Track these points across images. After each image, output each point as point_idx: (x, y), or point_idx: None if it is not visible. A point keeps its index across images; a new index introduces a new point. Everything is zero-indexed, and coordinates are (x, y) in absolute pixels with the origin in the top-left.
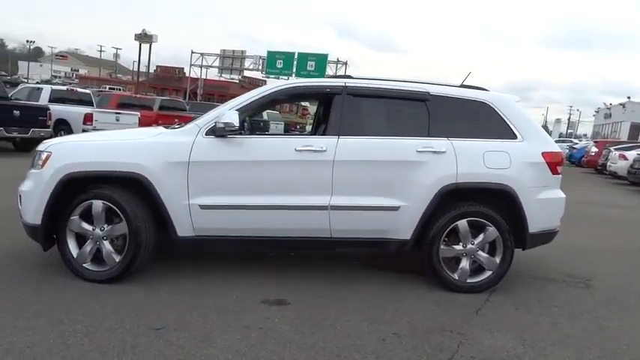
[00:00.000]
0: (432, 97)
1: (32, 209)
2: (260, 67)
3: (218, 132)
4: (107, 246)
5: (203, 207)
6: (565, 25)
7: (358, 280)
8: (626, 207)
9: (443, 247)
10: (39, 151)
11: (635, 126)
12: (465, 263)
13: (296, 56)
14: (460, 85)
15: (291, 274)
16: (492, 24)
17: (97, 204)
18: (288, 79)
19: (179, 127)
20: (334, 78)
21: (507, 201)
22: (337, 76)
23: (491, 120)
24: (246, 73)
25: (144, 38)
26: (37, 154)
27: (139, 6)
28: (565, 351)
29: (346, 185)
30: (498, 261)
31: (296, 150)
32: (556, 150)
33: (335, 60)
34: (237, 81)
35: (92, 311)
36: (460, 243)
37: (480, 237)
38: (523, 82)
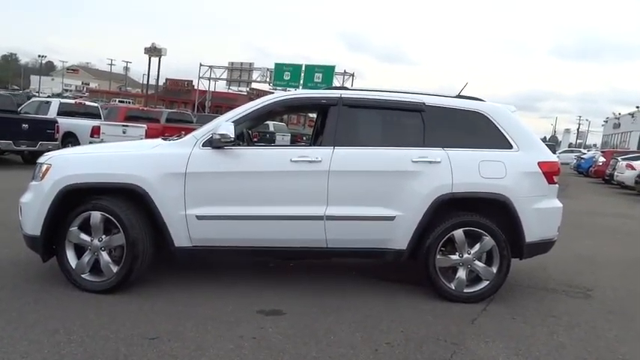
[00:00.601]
0: (428, 108)
1: (32, 220)
2: (268, 79)
3: (215, 143)
4: (105, 257)
5: (200, 217)
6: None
7: (354, 291)
8: (632, 217)
9: (439, 257)
10: (39, 164)
11: None
12: (462, 273)
13: (303, 68)
14: (456, 96)
15: (287, 285)
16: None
17: (96, 215)
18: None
19: (177, 139)
20: (330, 89)
21: (503, 211)
22: (333, 88)
23: (486, 130)
24: (254, 85)
25: (153, 52)
26: (38, 167)
27: (149, 20)
28: None
29: (342, 195)
30: (495, 271)
31: (292, 161)
32: (552, 159)
33: (342, 72)
34: (245, 93)
35: (88, 321)
36: (456, 253)
37: (477, 247)
38: (532, 92)
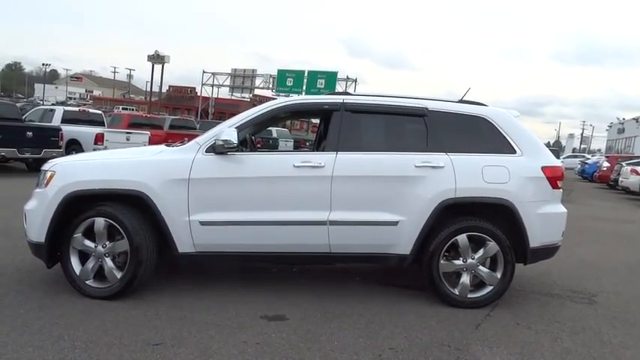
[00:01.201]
0: (430, 113)
1: (36, 227)
2: (270, 86)
3: (217, 149)
4: (109, 263)
5: (203, 223)
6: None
7: (358, 296)
8: (636, 222)
9: (443, 262)
10: (43, 171)
11: None
12: (466, 278)
13: (306, 74)
14: (459, 101)
15: (291, 290)
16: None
17: (99, 221)
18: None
19: (180, 145)
20: (332, 94)
21: (507, 216)
22: (336, 93)
23: (489, 135)
24: (256, 92)
25: (156, 59)
26: (42, 174)
27: (152, 28)
28: None
29: (345, 200)
30: (499, 276)
31: (295, 166)
32: (556, 164)
33: (345, 77)
34: (248, 99)
35: (92, 327)
36: (460, 258)
37: (480, 252)
38: (536, 98)
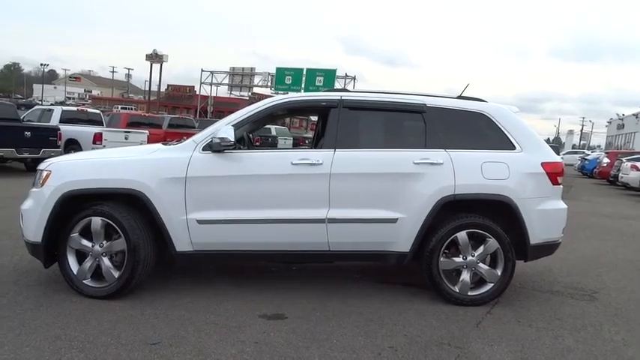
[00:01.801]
0: (429, 109)
1: (33, 227)
2: (269, 84)
3: (214, 147)
4: (106, 262)
5: (201, 222)
6: (576, 37)
7: (357, 294)
8: (637, 218)
9: (443, 260)
10: (39, 170)
11: None
12: (466, 276)
13: (304, 72)
14: (458, 97)
15: (290, 289)
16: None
17: (96, 221)
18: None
19: (177, 144)
20: (330, 91)
21: (507, 212)
22: (333, 90)
23: (489, 131)
24: (255, 90)
25: (155, 58)
26: (38, 173)
27: (150, 27)
28: None
29: (343, 198)
30: (500, 273)
31: (292, 164)
32: (556, 160)
33: (344, 75)
34: (247, 98)
35: (89, 327)
36: (460, 255)
37: (480, 249)
38: (535, 94)
